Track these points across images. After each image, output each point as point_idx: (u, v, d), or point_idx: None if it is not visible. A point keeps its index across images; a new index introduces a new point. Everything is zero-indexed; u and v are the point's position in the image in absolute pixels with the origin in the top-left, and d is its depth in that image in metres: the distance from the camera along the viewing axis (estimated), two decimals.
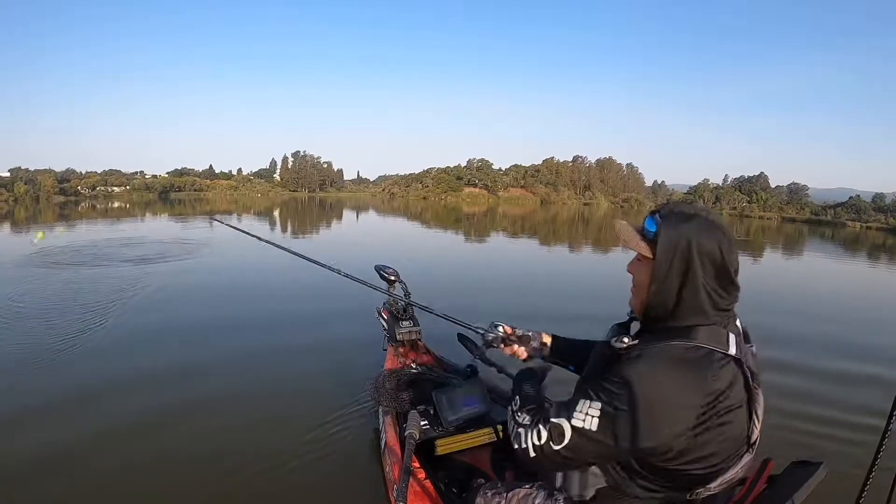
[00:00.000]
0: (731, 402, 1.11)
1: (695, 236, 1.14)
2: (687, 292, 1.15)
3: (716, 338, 1.14)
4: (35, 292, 6.53)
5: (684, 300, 1.15)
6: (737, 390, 1.13)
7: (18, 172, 57.01)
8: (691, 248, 1.14)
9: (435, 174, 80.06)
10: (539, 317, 6.17)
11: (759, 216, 58.94)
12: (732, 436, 1.14)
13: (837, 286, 11.28)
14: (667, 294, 1.17)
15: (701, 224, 1.16)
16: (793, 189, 67.51)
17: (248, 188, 76.76)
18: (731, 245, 1.16)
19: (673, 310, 1.17)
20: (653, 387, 1.08)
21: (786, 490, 1.17)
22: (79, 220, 22.02)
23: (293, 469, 2.80)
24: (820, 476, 1.19)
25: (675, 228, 1.16)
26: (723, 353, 1.12)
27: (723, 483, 1.18)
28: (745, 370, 1.15)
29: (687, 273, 1.14)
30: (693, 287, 1.14)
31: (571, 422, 1.13)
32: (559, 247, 17.18)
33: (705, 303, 1.15)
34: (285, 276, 8.23)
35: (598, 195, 78.43)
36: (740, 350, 1.15)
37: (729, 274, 1.15)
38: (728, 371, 1.12)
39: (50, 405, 3.41)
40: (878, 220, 52.64)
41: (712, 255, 1.13)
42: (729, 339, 1.14)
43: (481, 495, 1.60)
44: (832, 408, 3.79)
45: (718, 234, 1.15)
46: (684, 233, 1.15)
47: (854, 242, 28.28)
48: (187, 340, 4.89)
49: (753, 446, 1.19)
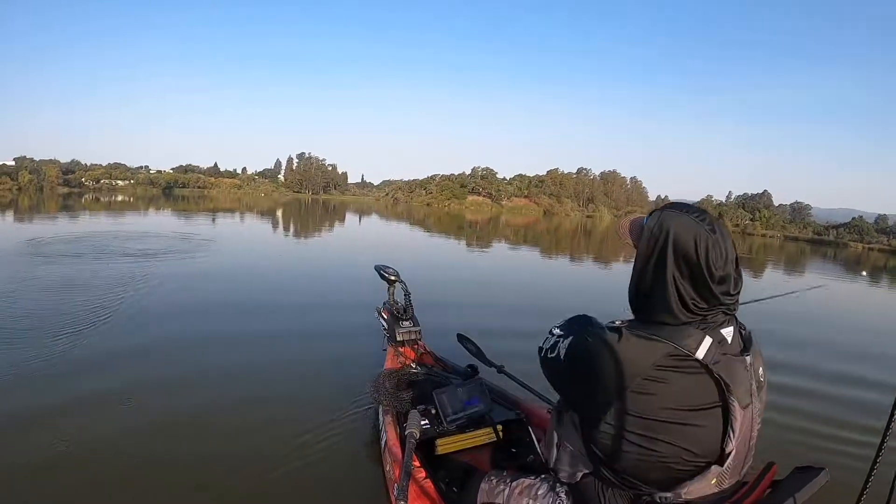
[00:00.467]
0: (689, 403, 1.10)
1: (674, 230, 1.14)
2: (657, 286, 1.15)
3: (688, 339, 1.11)
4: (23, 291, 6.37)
5: (654, 295, 1.15)
6: (698, 395, 1.10)
7: (23, 161, 57.09)
8: (668, 241, 1.13)
9: (439, 181, 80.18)
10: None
11: (762, 234, 58.96)
12: (692, 438, 1.11)
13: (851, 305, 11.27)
14: (642, 285, 1.19)
15: (684, 221, 1.14)
16: (796, 208, 67.65)
17: (251, 187, 77.05)
18: (715, 249, 1.11)
19: (645, 304, 1.19)
20: (602, 342, 1.17)
21: (787, 494, 1.17)
22: (82, 212, 22.10)
23: (294, 469, 2.78)
24: (822, 481, 1.20)
25: (658, 221, 1.17)
26: (686, 353, 1.10)
27: (693, 494, 1.15)
28: (717, 377, 1.10)
29: (661, 266, 1.14)
30: (663, 281, 1.14)
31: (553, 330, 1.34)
32: (561, 258, 17.21)
33: (673, 301, 1.13)
34: (285, 277, 8.26)
35: (601, 208, 78.49)
36: (712, 357, 1.11)
37: (705, 278, 1.11)
38: (687, 370, 1.10)
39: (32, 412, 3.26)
40: (880, 241, 52.63)
41: (687, 252, 1.12)
42: (702, 343, 1.11)
43: (486, 481, 1.61)
44: (834, 412, 3.89)
45: (699, 233, 1.12)
46: (665, 225, 1.15)
47: (857, 264, 28.25)
48: (188, 342, 4.86)
49: (727, 459, 1.13)
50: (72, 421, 3.11)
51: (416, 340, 3.24)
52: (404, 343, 3.21)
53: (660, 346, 1.11)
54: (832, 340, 6.96)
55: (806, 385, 4.58)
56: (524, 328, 5.72)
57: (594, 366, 1.17)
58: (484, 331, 4.71)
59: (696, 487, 1.14)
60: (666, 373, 1.10)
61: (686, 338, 1.11)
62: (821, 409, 4.00)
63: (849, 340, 7.10)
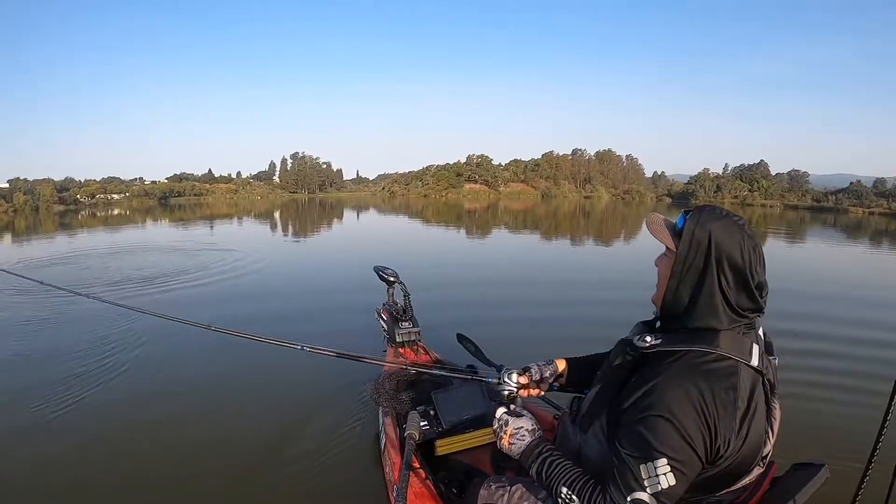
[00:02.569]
0: (756, 416, 1.10)
1: (717, 234, 1.13)
2: (703, 291, 1.14)
3: (738, 347, 1.12)
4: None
5: (699, 299, 1.14)
6: (757, 402, 1.11)
7: (17, 183, 56.88)
8: (711, 245, 1.12)
9: (435, 171, 79.82)
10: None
11: (762, 204, 58.71)
12: (751, 445, 1.12)
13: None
14: (683, 290, 1.17)
15: (727, 224, 1.14)
16: (793, 176, 67.10)
17: (247, 191, 76.64)
18: (755, 254, 1.13)
19: (688, 308, 1.16)
20: (696, 411, 1.05)
21: (788, 491, 1.18)
22: (79, 229, 22.08)
23: (294, 469, 2.81)
24: (822, 477, 1.21)
25: (699, 223, 1.15)
26: (745, 363, 1.11)
27: (729, 492, 1.18)
28: (766, 383, 1.14)
29: (705, 270, 1.13)
30: (709, 286, 1.13)
31: (649, 490, 1.06)
32: (562, 240, 17.19)
33: (719, 306, 1.13)
34: (284, 278, 8.25)
35: (598, 188, 78.09)
36: (762, 362, 1.14)
37: (748, 281, 1.12)
38: (751, 383, 1.11)
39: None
40: (880, 204, 52.38)
41: (732, 256, 1.11)
42: (752, 350, 1.13)
43: (485, 487, 1.60)
44: (830, 404, 3.78)
45: (743, 237, 1.13)
46: (707, 228, 1.14)
47: (860, 228, 28.09)
48: (188, 343, 4.89)
49: (765, 460, 1.18)
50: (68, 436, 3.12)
51: (416, 341, 3.24)
52: (404, 344, 3.22)
53: (728, 367, 1.10)
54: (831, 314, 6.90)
55: (801, 377, 4.29)
56: (524, 327, 5.73)
57: (707, 437, 1.09)
58: (484, 331, 4.72)
59: (735, 487, 1.16)
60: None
61: (742, 347, 1.12)
62: (816, 401, 3.85)
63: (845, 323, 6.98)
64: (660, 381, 1.10)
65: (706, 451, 1.06)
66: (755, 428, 1.10)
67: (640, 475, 1.06)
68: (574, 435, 1.35)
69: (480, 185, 76.63)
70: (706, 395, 1.05)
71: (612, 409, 1.20)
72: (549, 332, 5.53)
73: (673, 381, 1.08)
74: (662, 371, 1.11)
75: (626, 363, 1.22)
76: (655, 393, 1.09)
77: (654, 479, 1.05)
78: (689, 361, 1.10)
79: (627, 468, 1.08)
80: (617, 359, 1.27)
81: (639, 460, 1.07)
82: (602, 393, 1.28)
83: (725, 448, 1.07)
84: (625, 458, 1.09)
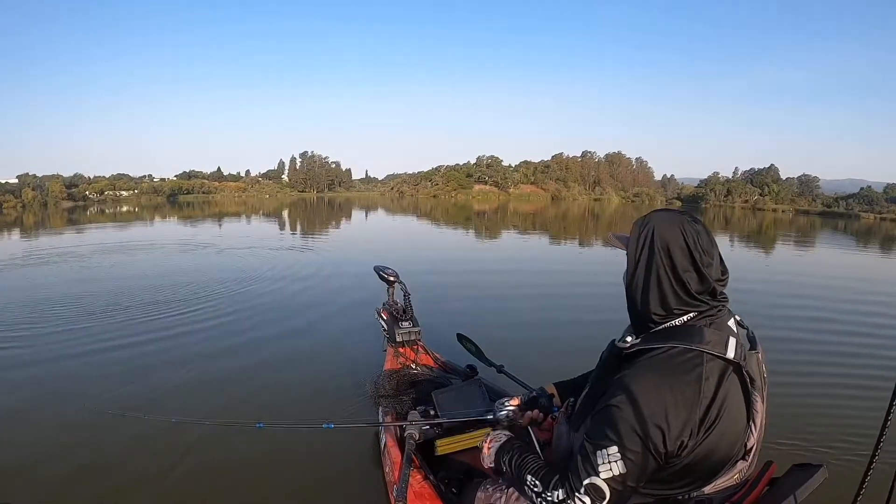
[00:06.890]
0: (727, 407, 1.11)
1: (659, 227, 1.19)
2: (651, 279, 1.19)
3: (714, 341, 1.13)
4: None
5: (650, 289, 1.19)
6: (733, 395, 1.13)
7: (26, 178, 57.35)
8: (654, 238, 1.18)
9: (444, 172, 79.60)
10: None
11: (773, 209, 58.14)
12: (728, 440, 1.14)
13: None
14: (638, 285, 1.22)
15: (669, 217, 1.21)
16: (803, 181, 66.51)
17: (256, 189, 76.89)
18: (700, 237, 1.17)
19: (644, 299, 1.21)
20: (654, 403, 1.09)
21: (786, 491, 1.17)
22: (87, 225, 22.28)
23: (294, 470, 2.81)
24: (820, 478, 1.20)
25: (644, 223, 1.23)
26: (717, 355, 1.12)
27: (716, 488, 1.18)
28: (744, 376, 1.15)
29: (650, 260, 1.19)
30: (657, 273, 1.18)
31: (601, 476, 1.10)
32: (571, 243, 17.13)
33: (668, 291, 1.17)
34: (284, 278, 8.28)
35: (608, 190, 77.72)
36: (740, 355, 1.14)
37: (695, 261, 1.16)
38: (718, 374, 1.12)
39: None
40: (892, 210, 51.83)
41: (675, 241, 1.16)
42: (728, 343, 1.14)
43: (482, 490, 1.61)
44: (831, 405, 3.71)
45: (684, 223, 1.18)
46: (650, 225, 1.21)
47: (872, 234, 27.77)
48: (189, 345, 4.91)
49: (750, 453, 1.19)
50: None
51: (416, 341, 3.23)
52: (404, 344, 3.21)
53: (696, 359, 1.13)
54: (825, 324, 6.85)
55: (798, 379, 4.19)
56: (525, 326, 5.71)
57: (664, 428, 1.12)
58: (484, 330, 4.71)
59: (721, 482, 1.18)
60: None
61: (718, 340, 1.14)
62: (816, 403, 3.74)
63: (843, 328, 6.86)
64: (626, 374, 1.16)
65: (663, 440, 1.08)
66: (726, 419, 1.12)
67: (595, 461, 1.11)
68: (567, 434, 1.37)
69: (490, 187, 76.43)
70: (663, 387, 1.09)
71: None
72: (549, 334, 5.50)
73: (637, 374, 1.15)
74: (633, 366, 1.17)
75: (612, 364, 1.27)
76: (619, 386, 1.15)
77: (606, 465, 1.10)
78: (658, 356, 1.15)
79: (586, 454, 1.13)
80: (605, 360, 1.34)
81: (595, 447, 1.12)
82: (590, 393, 1.32)
83: (689, 438, 1.09)
84: (584, 444, 1.15)
